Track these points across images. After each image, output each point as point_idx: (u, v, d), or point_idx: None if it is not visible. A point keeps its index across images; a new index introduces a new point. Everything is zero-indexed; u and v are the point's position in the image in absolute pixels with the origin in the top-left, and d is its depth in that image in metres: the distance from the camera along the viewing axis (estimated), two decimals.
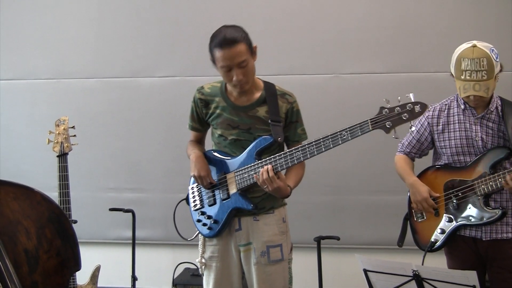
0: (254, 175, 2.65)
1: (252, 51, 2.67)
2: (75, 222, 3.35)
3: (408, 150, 3.10)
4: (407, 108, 2.46)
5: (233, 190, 2.75)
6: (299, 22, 4.12)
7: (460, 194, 2.88)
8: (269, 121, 2.73)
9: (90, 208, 4.35)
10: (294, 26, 4.13)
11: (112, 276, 4.03)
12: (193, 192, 2.91)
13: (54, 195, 2.85)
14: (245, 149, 2.75)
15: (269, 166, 2.61)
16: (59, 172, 3.15)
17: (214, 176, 2.81)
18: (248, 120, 2.75)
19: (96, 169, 4.40)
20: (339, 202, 4.13)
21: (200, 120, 2.90)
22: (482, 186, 2.80)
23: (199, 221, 2.85)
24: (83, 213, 4.03)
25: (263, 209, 2.79)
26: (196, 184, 2.87)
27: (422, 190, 2.96)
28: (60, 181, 3.14)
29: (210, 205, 2.82)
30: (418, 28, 3.99)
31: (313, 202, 4.08)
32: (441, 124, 2.97)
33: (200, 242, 2.90)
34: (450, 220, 2.91)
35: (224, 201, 2.78)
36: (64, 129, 3.22)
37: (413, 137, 3.07)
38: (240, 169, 2.73)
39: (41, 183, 3.64)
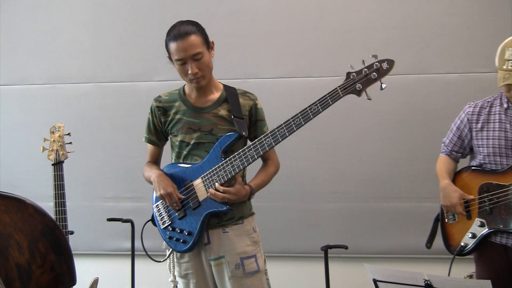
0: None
1: (208, 45, 2.66)
2: (72, 233, 3.28)
3: (450, 149, 2.99)
4: (374, 67, 2.46)
5: (203, 196, 2.66)
6: (304, 24, 4.06)
7: (494, 198, 2.77)
8: (232, 117, 2.67)
9: (87, 218, 4.28)
10: (299, 28, 4.06)
11: None
12: (158, 210, 2.82)
13: (49, 205, 2.85)
14: (209, 152, 2.68)
15: (216, 185, 2.59)
16: (55, 181, 3.10)
17: (180, 189, 2.72)
18: (209, 121, 2.71)
19: (93, 178, 4.33)
20: (347, 210, 4.05)
21: (157, 132, 2.86)
22: None
23: (171, 238, 2.76)
24: (80, 224, 3.98)
25: (231, 220, 2.71)
26: (161, 201, 2.78)
27: (453, 195, 2.85)
28: (55, 190, 3.08)
29: (180, 218, 2.73)
30: (427, 28, 3.92)
31: (320, 210, 4.00)
32: (480, 121, 2.86)
33: (169, 262, 2.84)
34: (482, 225, 2.81)
35: (195, 210, 2.68)
36: (59, 136, 3.16)
37: (453, 134, 2.97)
38: (207, 172, 2.64)
39: (36, 193, 3.62)
